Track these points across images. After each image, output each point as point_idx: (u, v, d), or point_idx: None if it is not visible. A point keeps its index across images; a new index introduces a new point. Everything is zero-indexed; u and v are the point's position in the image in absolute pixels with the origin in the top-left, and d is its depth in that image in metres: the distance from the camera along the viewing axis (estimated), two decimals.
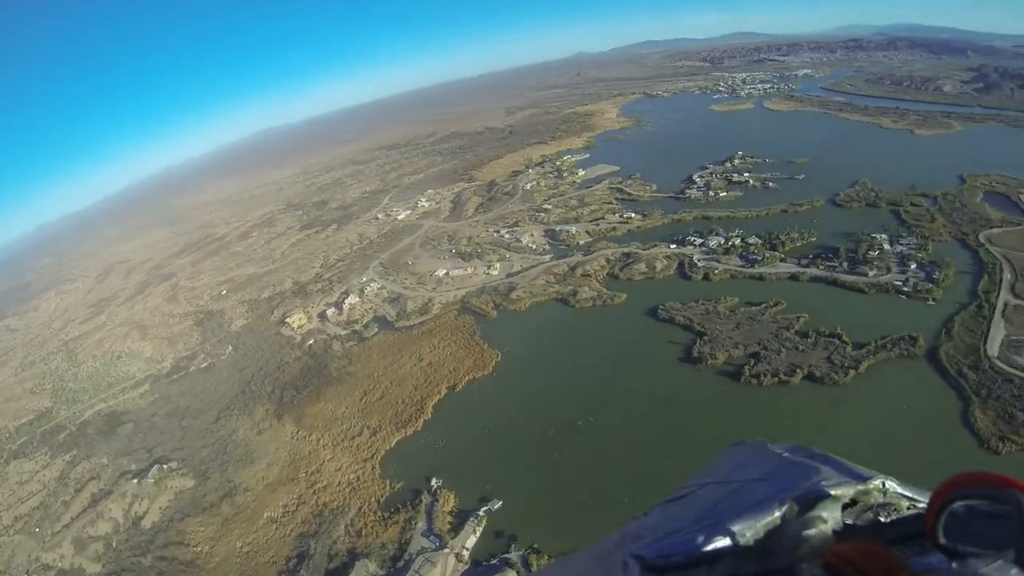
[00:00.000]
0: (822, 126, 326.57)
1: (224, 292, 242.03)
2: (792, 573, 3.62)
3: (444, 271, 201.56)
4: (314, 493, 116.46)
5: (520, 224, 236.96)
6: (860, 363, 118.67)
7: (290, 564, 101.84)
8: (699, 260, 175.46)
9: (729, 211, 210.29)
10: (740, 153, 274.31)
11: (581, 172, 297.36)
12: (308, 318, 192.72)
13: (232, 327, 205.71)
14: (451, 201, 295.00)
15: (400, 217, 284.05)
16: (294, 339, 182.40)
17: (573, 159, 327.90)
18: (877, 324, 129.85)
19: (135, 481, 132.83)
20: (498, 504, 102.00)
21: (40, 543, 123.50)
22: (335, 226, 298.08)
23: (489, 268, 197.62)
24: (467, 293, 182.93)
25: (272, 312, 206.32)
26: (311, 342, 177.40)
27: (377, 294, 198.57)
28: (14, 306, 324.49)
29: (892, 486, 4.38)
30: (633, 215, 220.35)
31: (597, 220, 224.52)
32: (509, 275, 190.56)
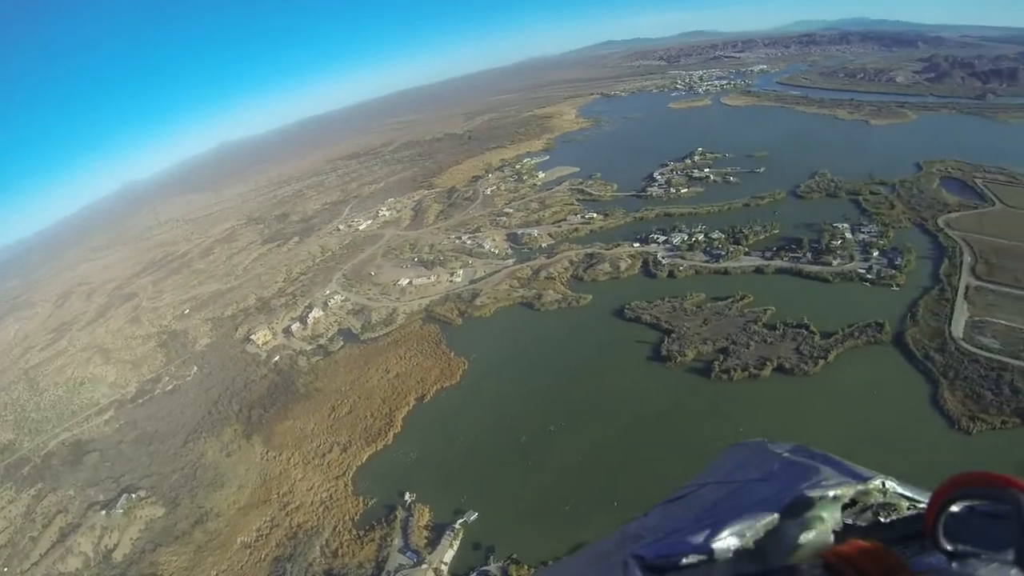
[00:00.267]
0: (780, 120, 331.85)
1: (187, 311, 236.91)
2: (792, 573, 3.69)
3: (407, 280, 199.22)
4: (287, 515, 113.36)
5: (482, 229, 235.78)
6: (829, 352, 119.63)
7: None
8: (663, 257, 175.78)
9: (691, 207, 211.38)
10: (700, 149, 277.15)
11: (541, 174, 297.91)
12: (273, 334, 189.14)
13: (196, 347, 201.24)
14: (412, 209, 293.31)
15: (361, 227, 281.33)
16: (260, 356, 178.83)
17: (533, 162, 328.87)
18: (843, 312, 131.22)
19: (104, 512, 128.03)
20: (474, 515, 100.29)
21: None
22: (297, 239, 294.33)
23: (452, 275, 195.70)
24: (431, 301, 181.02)
25: (236, 329, 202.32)
26: (277, 358, 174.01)
27: (341, 307, 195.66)
28: None
29: (892, 486, 4.36)
30: (595, 215, 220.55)
31: (559, 222, 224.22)
32: (472, 281, 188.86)
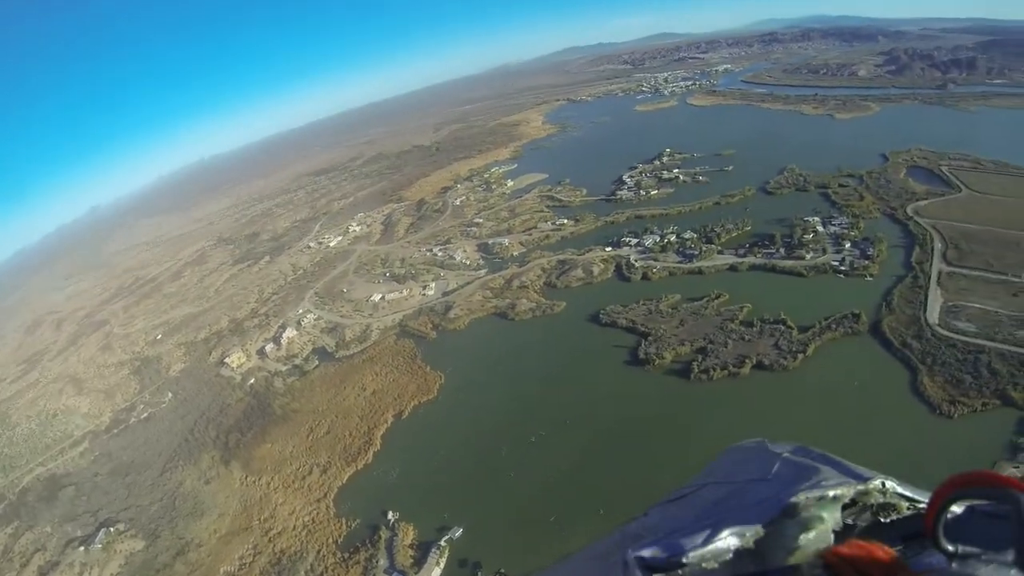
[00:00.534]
0: (746, 118, 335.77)
1: (160, 336, 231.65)
2: (792, 573, 3.70)
3: (380, 295, 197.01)
4: (270, 541, 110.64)
5: (452, 241, 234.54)
6: (807, 346, 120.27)
7: None
8: (636, 260, 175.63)
9: (662, 208, 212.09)
10: (668, 150, 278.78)
11: (510, 183, 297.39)
12: (247, 356, 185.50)
13: (170, 372, 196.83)
14: (382, 223, 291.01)
15: (332, 244, 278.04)
16: (234, 379, 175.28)
17: (501, 170, 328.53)
18: (819, 306, 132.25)
19: (82, 549, 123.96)
20: (459, 531, 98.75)
21: None
22: (267, 258, 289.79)
23: (425, 288, 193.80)
24: (404, 316, 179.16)
25: (210, 353, 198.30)
26: (252, 381, 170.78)
27: (315, 325, 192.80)
28: None
29: (892, 486, 4.36)
30: (566, 221, 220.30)
31: (530, 230, 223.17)
32: (445, 294, 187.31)
